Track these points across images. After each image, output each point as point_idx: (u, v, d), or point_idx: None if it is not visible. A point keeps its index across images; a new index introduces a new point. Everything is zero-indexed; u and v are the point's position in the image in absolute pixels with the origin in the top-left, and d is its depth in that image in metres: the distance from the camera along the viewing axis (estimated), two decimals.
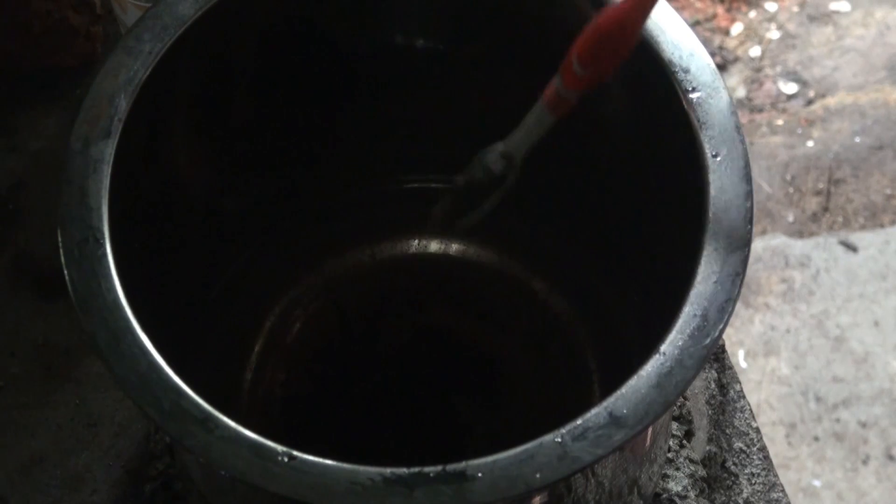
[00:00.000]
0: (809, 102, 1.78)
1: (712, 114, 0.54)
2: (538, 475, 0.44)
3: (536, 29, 0.65)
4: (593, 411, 0.46)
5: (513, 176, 0.62)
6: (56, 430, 0.72)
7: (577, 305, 0.75)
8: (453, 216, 0.64)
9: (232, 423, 0.46)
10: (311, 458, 0.45)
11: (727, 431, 0.74)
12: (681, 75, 0.56)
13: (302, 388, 0.73)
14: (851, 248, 1.62)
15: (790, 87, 1.80)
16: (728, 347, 0.79)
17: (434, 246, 0.78)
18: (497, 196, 0.63)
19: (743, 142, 0.53)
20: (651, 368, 0.47)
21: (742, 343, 1.54)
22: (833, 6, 1.89)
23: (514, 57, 0.68)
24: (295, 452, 0.45)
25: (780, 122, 1.76)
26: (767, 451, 0.74)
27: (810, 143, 1.73)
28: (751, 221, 0.51)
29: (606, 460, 0.48)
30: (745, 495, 0.72)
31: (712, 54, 1.56)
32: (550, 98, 0.59)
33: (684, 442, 0.71)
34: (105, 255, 0.50)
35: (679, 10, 0.58)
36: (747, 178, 0.53)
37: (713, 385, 0.75)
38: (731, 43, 1.85)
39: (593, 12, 0.60)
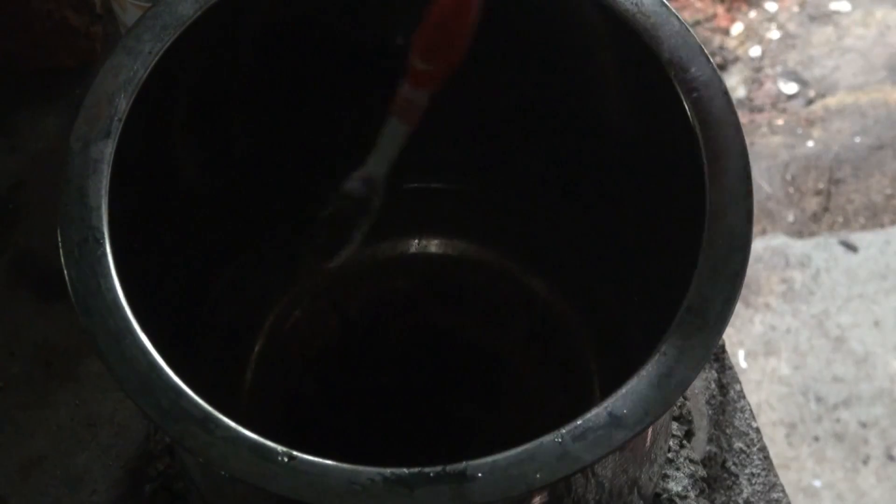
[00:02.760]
0: (809, 102, 1.78)
1: (712, 114, 0.54)
2: (538, 475, 0.44)
3: (536, 29, 0.65)
4: (593, 411, 0.46)
5: (377, 200, 0.61)
6: (56, 430, 0.72)
7: (577, 305, 0.75)
8: (327, 250, 0.63)
9: (232, 423, 0.46)
10: (311, 458, 0.45)
11: (727, 431, 0.74)
12: (681, 75, 0.56)
13: (302, 388, 0.73)
14: (851, 248, 1.62)
15: (790, 87, 1.80)
16: (728, 347, 0.79)
17: (434, 246, 0.78)
18: (366, 223, 0.61)
19: (743, 142, 0.53)
20: (651, 368, 0.47)
21: (742, 343, 1.54)
22: (833, 6, 1.89)
23: (514, 57, 0.68)
24: (295, 452, 0.45)
25: (780, 122, 1.76)
26: (767, 452, 0.74)
27: (810, 143, 1.73)
28: (751, 221, 0.51)
29: (606, 460, 0.48)
30: (745, 495, 0.72)
31: (712, 54, 1.56)
32: (399, 105, 0.58)
33: (684, 442, 0.71)
34: (105, 255, 0.50)
35: (679, 10, 0.58)
36: (747, 178, 0.52)
37: (713, 385, 0.75)
38: (731, 43, 1.85)
39: (595, 13, 0.60)
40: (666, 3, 0.58)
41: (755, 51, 1.84)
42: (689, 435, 0.72)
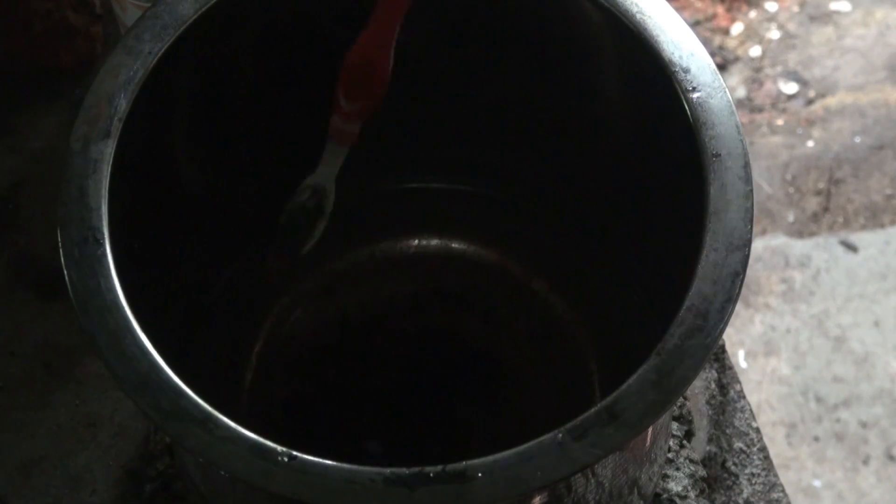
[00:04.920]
0: (809, 102, 1.78)
1: (712, 114, 0.54)
2: (538, 475, 0.44)
3: (536, 30, 0.65)
4: (593, 411, 0.46)
5: (329, 204, 0.65)
6: (56, 430, 0.72)
7: (578, 305, 0.75)
8: (287, 256, 0.67)
9: (232, 423, 0.46)
10: (311, 458, 0.45)
11: (727, 431, 0.74)
12: (681, 75, 0.56)
13: (302, 388, 0.73)
14: (851, 248, 1.62)
15: (790, 87, 1.80)
16: (728, 347, 0.79)
17: (434, 246, 0.78)
18: (320, 225, 0.66)
19: (743, 142, 0.53)
20: (651, 368, 0.47)
21: (742, 343, 1.54)
22: (833, 6, 1.89)
23: (514, 58, 0.68)
24: (295, 452, 0.45)
25: (780, 122, 1.76)
26: (767, 452, 0.74)
27: (810, 143, 1.73)
28: (751, 221, 0.51)
29: (606, 460, 0.48)
30: (745, 495, 0.72)
31: (712, 54, 1.56)
32: (334, 132, 0.63)
33: (684, 442, 0.71)
34: (105, 255, 0.50)
35: (679, 10, 0.58)
36: (747, 178, 0.53)
37: (713, 385, 0.75)
38: (731, 43, 1.85)
39: (595, 13, 0.60)
40: (666, 3, 0.58)
41: (755, 51, 1.84)
42: (689, 435, 0.72)
